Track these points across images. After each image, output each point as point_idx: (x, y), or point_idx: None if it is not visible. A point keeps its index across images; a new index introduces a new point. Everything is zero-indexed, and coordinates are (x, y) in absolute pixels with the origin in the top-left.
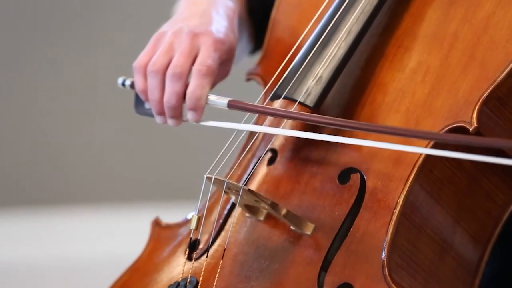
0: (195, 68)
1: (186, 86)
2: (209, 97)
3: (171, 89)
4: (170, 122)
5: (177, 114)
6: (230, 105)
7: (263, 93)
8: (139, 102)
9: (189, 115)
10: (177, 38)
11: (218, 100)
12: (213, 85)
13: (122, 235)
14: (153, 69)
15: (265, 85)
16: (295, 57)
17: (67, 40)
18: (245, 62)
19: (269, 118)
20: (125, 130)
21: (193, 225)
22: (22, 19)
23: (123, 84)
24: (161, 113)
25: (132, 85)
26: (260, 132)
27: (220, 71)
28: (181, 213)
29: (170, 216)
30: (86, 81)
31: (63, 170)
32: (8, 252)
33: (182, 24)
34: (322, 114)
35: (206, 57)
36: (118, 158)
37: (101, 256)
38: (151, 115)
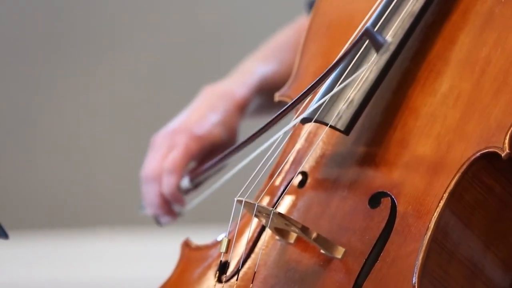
0: (163, 166)
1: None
2: (181, 184)
3: (151, 190)
4: (166, 219)
5: (166, 210)
6: (191, 178)
7: (295, 116)
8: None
9: (174, 207)
10: (162, 140)
11: (183, 183)
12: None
13: (152, 258)
14: (143, 178)
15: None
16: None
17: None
18: None
19: (298, 145)
20: None
21: (223, 248)
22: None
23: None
24: (158, 214)
25: None
26: (291, 155)
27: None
28: (210, 236)
29: (200, 239)
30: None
31: (92, 192)
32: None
33: (171, 124)
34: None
35: (176, 154)
36: None
37: (131, 279)
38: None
